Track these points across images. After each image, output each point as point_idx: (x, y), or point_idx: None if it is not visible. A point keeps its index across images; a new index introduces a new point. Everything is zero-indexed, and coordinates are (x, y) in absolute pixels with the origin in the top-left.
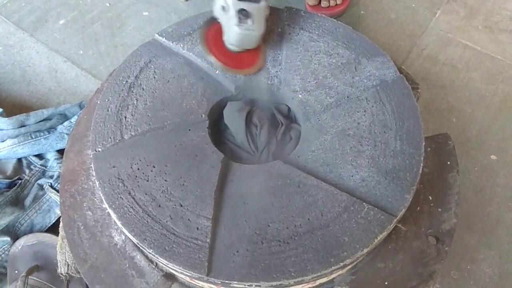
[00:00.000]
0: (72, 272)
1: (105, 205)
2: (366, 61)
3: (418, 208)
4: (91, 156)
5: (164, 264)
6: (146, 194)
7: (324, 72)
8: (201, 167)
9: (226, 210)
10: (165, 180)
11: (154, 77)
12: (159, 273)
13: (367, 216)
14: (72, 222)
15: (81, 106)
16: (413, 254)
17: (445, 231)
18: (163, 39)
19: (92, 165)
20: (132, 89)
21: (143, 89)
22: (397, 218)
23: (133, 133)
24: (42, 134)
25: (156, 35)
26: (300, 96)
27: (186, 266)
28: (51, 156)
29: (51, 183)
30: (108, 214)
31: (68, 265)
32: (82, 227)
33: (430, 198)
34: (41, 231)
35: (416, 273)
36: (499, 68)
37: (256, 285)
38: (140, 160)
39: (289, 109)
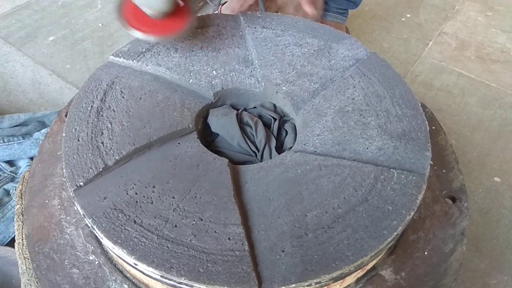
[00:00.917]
0: None
1: (108, 245)
2: (336, 45)
3: None
4: (72, 194)
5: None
6: (155, 217)
7: (301, 61)
8: (208, 175)
9: (253, 212)
10: (173, 198)
11: (123, 97)
12: None
13: (400, 181)
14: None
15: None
16: (438, 218)
17: (457, 189)
18: (121, 59)
19: (75, 204)
20: (101, 113)
21: (114, 110)
22: (427, 176)
23: (117, 158)
24: (16, 139)
25: (111, 56)
26: (284, 88)
27: (231, 283)
28: (23, 163)
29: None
30: (99, 265)
31: None
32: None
33: (432, 163)
34: (3, 243)
35: (449, 235)
36: (495, 95)
37: (316, 282)
38: (135, 184)
39: (274, 106)
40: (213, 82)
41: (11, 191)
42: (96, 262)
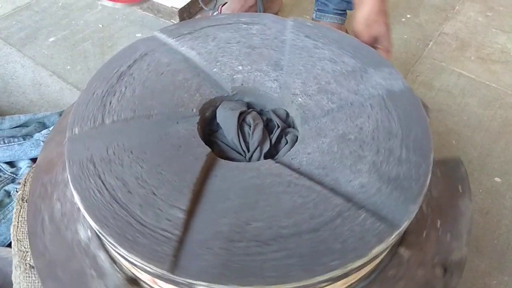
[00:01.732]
0: None
1: (71, 188)
2: (373, 70)
3: (425, 233)
4: (67, 138)
5: (127, 259)
6: (117, 179)
7: (327, 78)
8: (183, 158)
9: (205, 204)
10: (141, 167)
11: (148, 69)
12: (122, 276)
13: (364, 224)
14: (37, 213)
15: (61, 115)
16: (416, 284)
17: (454, 262)
18: (163, 36)
19: (64, 147)
20: (122, 77)
21: (134, 78)
22: (399, 230)
23: (115, 118)
24: (16, 140)
25: (156, 32)
26: (300, 99)
27: (148, 259)
28: (23, 164)
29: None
30: (78, 208)
31: None
32: (47, 219)
33: (439, 224)
34: (4, 244)
35: None
36: (495, 95)
37: None
38: (118, 145)
39: (287, 114)
40: (234, 76)
41: (11, 193)
42: (76, 205)
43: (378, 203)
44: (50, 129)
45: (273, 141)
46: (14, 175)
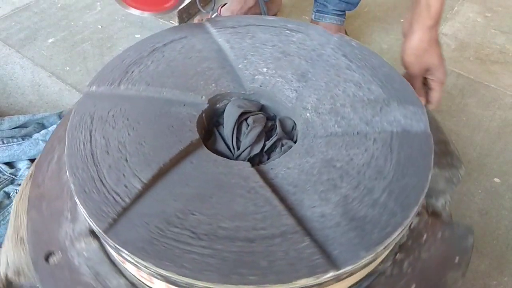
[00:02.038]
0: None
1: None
2: (397, 105)
3: None
4: (83, 92)
5: (80, 209)
6: (103, 138)
7: (345, 101)
8: (169, 137)
9: (165, 184)
10: (128, 134)
11: (180, 50)
12: (88, 226)
13: (302, 252)
14: (51, 150)
15: (60, 116)
16: None
17: None
18: (209, 25)
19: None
20: (154, 52)
21: (163, 55)
22: (337, 272)
23: (129, 86)
24: (15, 140)
25: (205, 21)
26: (308, 115)
27: (92, 214)
28: (23, 165)
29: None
30: None
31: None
32: (55, 158)
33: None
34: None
35: None
36: (494, 96)
37: (145, 266)
38: (120, 110)
39: (294, 126)
40: (256, 77)
41: (11, 194)
42: None
43: (330, 237)
44: (49, 129)
45: (266, 147)
46: (14, 176)
